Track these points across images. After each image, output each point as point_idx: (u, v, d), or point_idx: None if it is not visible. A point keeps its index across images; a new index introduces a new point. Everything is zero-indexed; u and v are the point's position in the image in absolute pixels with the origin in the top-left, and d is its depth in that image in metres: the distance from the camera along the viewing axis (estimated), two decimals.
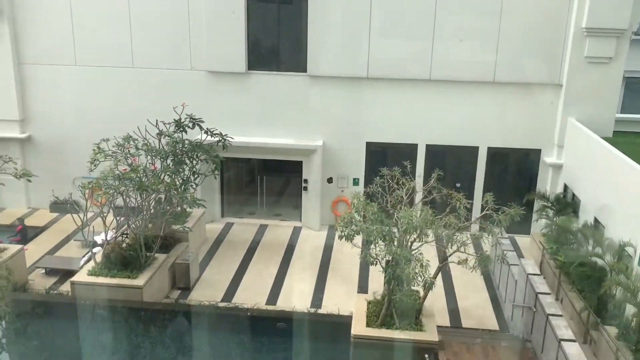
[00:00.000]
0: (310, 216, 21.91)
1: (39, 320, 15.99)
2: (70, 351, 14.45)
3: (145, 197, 16.57)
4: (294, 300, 16.69)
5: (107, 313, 15.83)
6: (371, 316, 14.75)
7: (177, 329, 15.58)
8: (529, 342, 14.44)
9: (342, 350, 14.52)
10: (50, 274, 17.94)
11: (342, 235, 13.54)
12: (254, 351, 14.57)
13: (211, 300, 16.61)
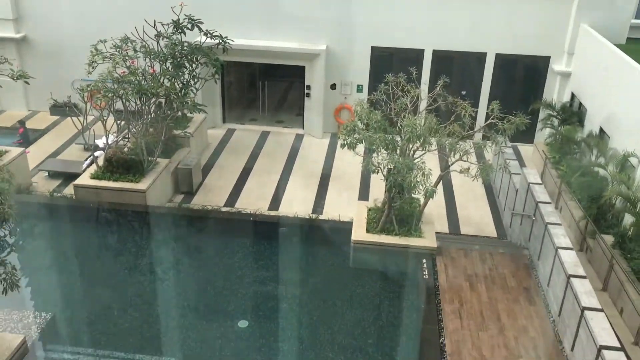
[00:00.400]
0: (312, 123, 21.72)
1: (43, 222, 16.26)
2: (75, 253, 14.79)
3: (145, 101, 16.34)
4: (295, 207, 16.90)
5: (111, 216, 16.08)
6: (371, 222, 14.97)
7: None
8: (526, 250, 14.73)
9: (342, 255, 14.87)
10: (54, 176, 18.05)
11: (344, 144, 13.43)
12: (256, 255, 14.91)
13: (214, 205, 16.82)
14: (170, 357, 11.35)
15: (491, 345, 11.56)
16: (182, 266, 14.48)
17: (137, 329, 12.03)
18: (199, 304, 12.91)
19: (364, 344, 11.86)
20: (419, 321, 12.32)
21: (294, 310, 12.81)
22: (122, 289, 13.30)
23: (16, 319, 11.95)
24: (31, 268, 14.02)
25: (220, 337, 11.90)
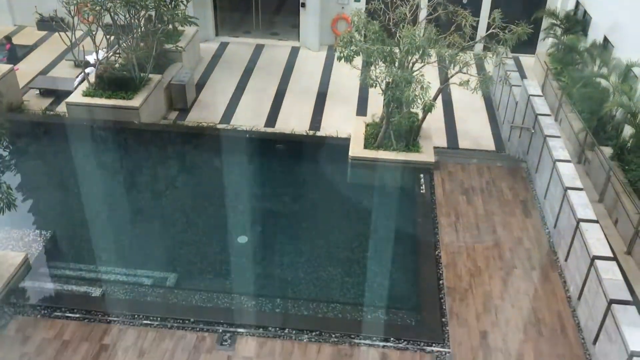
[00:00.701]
0: (308, 35, 21.07)
1: (37, 141, 16.10)
2: (71, 172, 14.74)
3: (134, 14, 15.73)
4: (292, 123, 16.69)
5: (106, 134, 15.90)
6: (369, 138, 14.83)
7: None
8: (523, 163, 14.70)
9: (340, 171, 14.83)
10: (45, 94, 17.70)
11: (341, 57, 13.04)
12: (253, 172, 14.88)
13: (209, 122, 16.59)
14: (171, 272, 11.55)
15: (486, 256, 11.76)
16: (179, 183, 14.49)
17: (137, 245, 12.19)
18: (198, 221, 13.01)
19: (361, 257, 12.07)
20: (415, 235, 12.46)
21: (292, 226, 12.94)
22: (120, 207, 13.36)
23: (16, 237, 12.07)
24: (27, 187, 14.02)
25: (219, 252, 12.09)
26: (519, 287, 11.04)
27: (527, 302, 10.71)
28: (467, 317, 10.35)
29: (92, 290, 10.94)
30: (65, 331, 9.82)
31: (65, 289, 10.96)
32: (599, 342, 9.43)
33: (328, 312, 10.61)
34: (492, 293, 10.90)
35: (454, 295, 10.79)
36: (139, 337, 9.78)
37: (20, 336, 9.71)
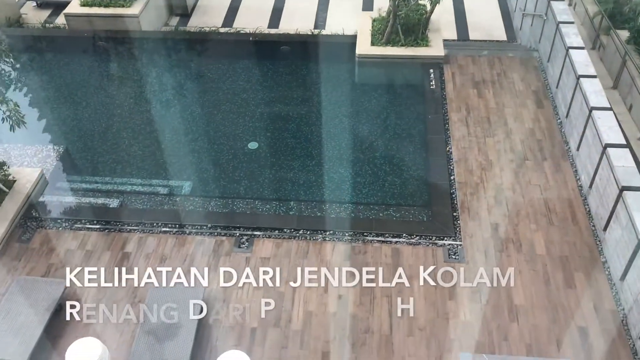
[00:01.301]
0: None
1: (40, 55, 15.86)
2: (76, 85, 14.63)
3: None
4: (296, 22, 16.18)
5: (108, 44, 15.60)
6: (376, 34, 14.42)
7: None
8: (535, 52, 14.28)
9: (347, 70, 14.55)
10: (42, 6, 17.23)
11: None
12: (259, 76, 14.64)
13: (211, 26, 16.15)
14: (185, 180, 11.72)
15: (497, 150, 11.74)
16: (185, 91, 14.35)
17: (149, 155, 12.30)
18: (207, 129, 13.02)
19: (372, 156, 12.10)
20: (425, 131, 12.40)
21: (302, 129, 12.90)
22: (129, 118, 13.35)
23: (30, 153, 12.23)
24: (35, 103, 14.01)
25: (231, 159, 12.18)
26: (530, 178, 11.10)
27: (538, 192, 10.81)
28: (478, 211, 10.51)
29: (110, 201, 11.20)
30: (87, 241, 10.17)
31: (84, 202, 11.23)
32: (609, 228, 9.58)
33: (341, 212, 10.82)
34: (503, 186, 10.99)
35: (465, 190, 10.90)
36: (159, 244, 10.12)
37: (45, 248, 10.09)
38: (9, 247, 10.15)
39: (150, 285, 9.09)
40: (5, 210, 10.53)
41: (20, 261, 9.93)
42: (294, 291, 9.29)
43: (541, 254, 9.75)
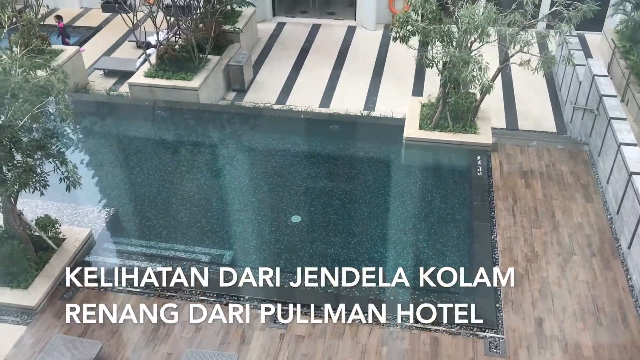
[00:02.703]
0: (365, 14, 20.84)
1: (102, 120, 16.72)
2: (134, 151, 15.27)
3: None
4: (347, 103, 16.64)
5: (166, 114, 16.34)
6: (424, 119, 14.65)
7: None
8: (586, 145, 14.18)
9: (394, 152, 14.74)
10: (109, 75, 18.30)
11: (396, 37, 12.86)
12: (307, 152, 14.98)
13: (266, 102, 16.77)
14: (227, 249, 11.84)
15: (544, 242, 11.49)
16: (235, 163, 14.75)
17: (194, 222, 12.53)
18: (253, 200, 13.24)
19: (415, 239, 12.00)
20: (470, 217, 12.29)
21: (346, 207, 12.98)
22: (179, 185, 13.74)
23: (82, 213, 12.65)
24: (92, 165, 14.63)
25: (274, 232, 12.28)
26: (577, 274, 10.76)
27: (585, 289, 10.43)
28: (522, 303, 10.19)
29: (153, 266, 11.37)
30: (126, 304, 10.25)
31: (127, 265, 11.43)
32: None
33: (380, 294, 10.65)
34: (549, 279, 10.67)
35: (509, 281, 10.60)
36: (196, 312, 10.11)
37: (85, 308, 10.21)
38: (51, 304, 10.35)
39: (186, 350, 9.04)
40: (52, 267, 10.81)
41: (59, 319, 10.08)
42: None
43: (588, 355, 9.29)
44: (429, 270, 11.16)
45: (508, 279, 10.53)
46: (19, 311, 10.25)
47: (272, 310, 10.10)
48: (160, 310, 10.11)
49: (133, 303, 10.28)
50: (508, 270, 10.01)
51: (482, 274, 10.66)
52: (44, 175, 9.76)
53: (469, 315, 9.98)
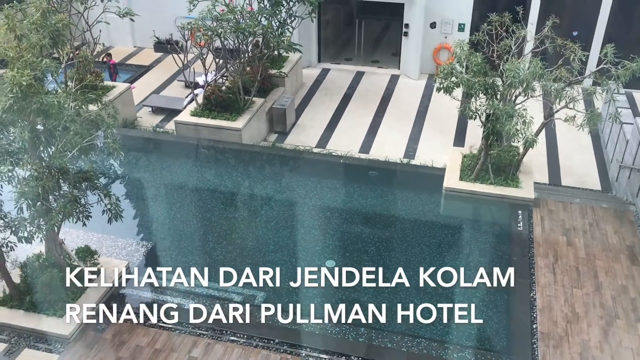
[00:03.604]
0: (409, 64, 21.08)
1: (147, 155, 17.16)
2: (175, 187, 15.56)
3: (243, 40, 16.46)
4: (387, 150, 16.68)
5: (209, 152, 16.67)
6: (465, 170, 14.53)
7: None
8: (632, 206, 13.78)
9: (433, 201, 14.62)
10: (156, 112, 18.87)
11: (440, 88, 12.92)
12: (344, 196, 14.99)
13: (306, 145, 16.95)
14: (259, 290, 11.80)
15: (585, 303, 11.09)
16: (273, 204, 14.84)
17: (229, 261, 12.57)
18: (289, 242, 13.25)
19: (451, 291, 11.73)
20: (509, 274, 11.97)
21: (381, 254, 12.85)
22: (217, 223, 13.87)
23: (121, 245, 12.87)
24: (134, 199, 14.94)
25: (308, 275, 12.18)
26: (621, 339, 10.30)
27: (630, 356, 9.97)
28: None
29: (186, 302, 11.40)
30: (157, 340, 10.30)
31: (161, 300, 11.50)
32: None
33: (412, 347, 10.40)
34: (590, 343, 10.24)
35: (547, 342, 10.24)
36: (225, 353, 10.07)
37: (117, 341, 10.30)
38: (84, 334, 10.45)
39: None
40: (88, 298, 10.95)
41: (91, 350, 10.15)
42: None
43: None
44: (463, 324, 10.91)
45: (546, 339, 10.18)
46: (52, 339, 10.37)
47: (302, 356, 9.94)
48: (190, 347, 10.09)
49: (164, 339, 10.30)
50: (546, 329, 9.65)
51: (520, 332, 10.37)
52: (88, 206, 10.00)
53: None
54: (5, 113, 8.89)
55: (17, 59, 9.83)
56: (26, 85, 8.94)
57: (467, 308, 11.09)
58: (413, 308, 11.26)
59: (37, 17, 11.92)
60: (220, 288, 11.85)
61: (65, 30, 12.65)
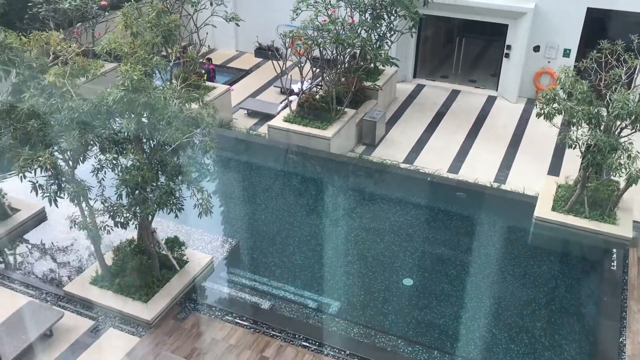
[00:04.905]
0: (508, 86, 20.51)
1: (238, 156, 17.71)
2: (262, 188, 15.95)
3: (341, 51, 16.66)
4: (477, 172, 16.28)
5: (297, 158, 16.96)
6: (559, 200, 13.93)
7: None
8: None
9: (521, 230, 14.11)
10: (251, 115, 19.43)
11: (540, 113, 12.47)
12: (430, 216, 14.76)
13: (393, 160, 16.86)
14: (334, 299, 11.84)
15: None
16: (355, 215, 14.86)
17: (307, 267, 12.71)
18: (368, 255, 13.21)
19: (532, 326, 11.26)
20: (598, 314, 11.34)
21: (461, 278, 12.54)
22: (299, 228, 14.06)
23: (207, 240, 13.33)
24: (223, 197, 15.44)
25: (383, 290, 12.11)
26: None
27: None
28: None
29: (263, 302, 11.63)
30: (232, 335, 10.55)
31: (239, 297, 11.80)
32: None
33: None
34: None
35: None
36: (295, 357, 10.16)
37: (194, 331, 10.65)
38: (165, 321, 10.88)
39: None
40: (172, 287, 11.42)
41: (170, 337, 10.56)
42: None
43: None
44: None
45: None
46: (135, 322, 10.88)
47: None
48: (263, 347, 10.27)
49: (239, 335, 10.55)
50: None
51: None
52: (181, 199, 10.44)
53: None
54: (116, 104, 9.45)
55: (131, 54, 10.47)
56: (137, 80, 9.49)
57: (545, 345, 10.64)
58: (490, 339, 10.93)
59: (152, 17, 12.66)
60: (297, 292, 12.00)
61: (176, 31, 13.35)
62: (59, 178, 9.88)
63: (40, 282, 12.01)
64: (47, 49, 11.61)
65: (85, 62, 10.74)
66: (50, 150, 9.80)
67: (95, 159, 10.26)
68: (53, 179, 9.86)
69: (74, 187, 9.92)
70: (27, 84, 10.19)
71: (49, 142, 9.99)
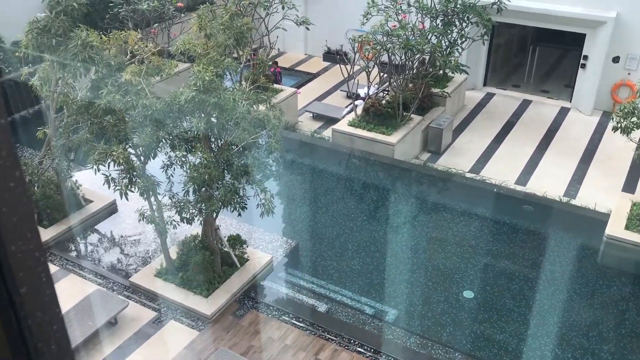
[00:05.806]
0: (583, 97, 19.74)
1: (302, 158, 17.86)
2: (324, 191, 16.01)
3: (410, 57, 16.53)
4: (546, 186, 15.74)
5: (360, 163, 16.93)
6: (633, 219, 13.29)
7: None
8: None
9: (591, 249, 13.55)
10: (316, 118, 19.56)
11: (617, 127, 11.95)
12: (494, 229, 14.39)
13: (459, 169, 16.55)
14: (392, 307, 11.73)
15: None
16: (417, 223, 14.69)
17: (366, 272, 12.66)
18: (428, 264, 13.03)
19: (598, 348, 10.78)
20: None
21: (525, 293, 12.16)
22: (359, 233, 14.04)
23: (267, 239, 13.51)
24: (286, 198, 15.61)
25: (442, 302, 11.91)
26: None
27: None
28: None
29: (320, 305, 11.67)
30: (288, 336, 10.64)
31: (297, 298, 11.89)
32: None
33: None
34: None
35: None
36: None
37: (251, 329, 10.81)
38: (223, 317, 11.10)
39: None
40: (232, 283, 11.64)
41: (227, 333, 10.76)
42: None
43: None
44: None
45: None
46: (195, 316, 11.16)
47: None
48: (317, 350, 10.30)
49: (294, 336, 10.62)
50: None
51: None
52: (245, 198, 10.63)
53: None
54: (187, 104, 9.74)
55: (204, 55, 10.76)
56: (208, 81, 9.74)
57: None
58: (550, 356, 10.55)
59: (226, 19, 12.95)
60: (354, 297, 11.97)
61: (247, 33, 13.62)
62: (131, 172, 10.27)
63: (108, 271, 12.52)
64: (125, 48, 12.11)
65: (160, 62, 11.13)
66: (123, 146, 10.21)
67: (166, 155, 10.62)
68: (125, 173, 10.26)
69: (144, 182, 10.29)
70: (105, 81, 10.64)
71: (122, 137, 10.42)
